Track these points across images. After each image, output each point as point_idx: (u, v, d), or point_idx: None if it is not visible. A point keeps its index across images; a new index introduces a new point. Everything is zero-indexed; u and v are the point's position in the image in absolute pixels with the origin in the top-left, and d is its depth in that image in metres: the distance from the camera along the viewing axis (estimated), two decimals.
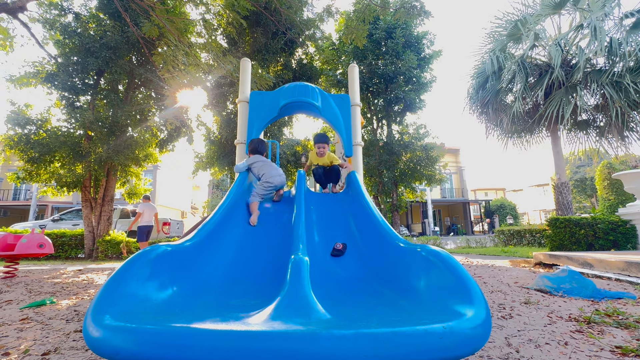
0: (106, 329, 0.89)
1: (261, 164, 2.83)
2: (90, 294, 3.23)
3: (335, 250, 2.03)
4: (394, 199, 13.91)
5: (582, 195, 27.64)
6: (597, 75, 7.84)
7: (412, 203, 24.23)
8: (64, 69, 7.87)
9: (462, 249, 9.30)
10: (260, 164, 2.83)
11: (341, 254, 2.02)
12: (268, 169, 2.78)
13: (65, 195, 8.68)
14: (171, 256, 1.39)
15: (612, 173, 11.13)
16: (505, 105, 9.46)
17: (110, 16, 8.17)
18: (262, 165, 2.81)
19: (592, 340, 1.70)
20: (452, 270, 1.18)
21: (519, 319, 2.13)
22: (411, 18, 7.00)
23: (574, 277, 2.92)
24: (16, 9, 6.64)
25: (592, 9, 7.96)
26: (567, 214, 8.64)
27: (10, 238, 4.46)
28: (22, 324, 2.14)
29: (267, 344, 0.83)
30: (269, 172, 2.75)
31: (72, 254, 8.69)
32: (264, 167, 2.80)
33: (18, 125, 7.85)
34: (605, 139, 8.79)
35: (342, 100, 3.38)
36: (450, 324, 0.90)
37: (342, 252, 2.02)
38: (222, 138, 10.29)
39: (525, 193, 39.81)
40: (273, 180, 2.70)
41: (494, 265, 5.09)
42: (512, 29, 9.25)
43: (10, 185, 23.40)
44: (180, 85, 6.72)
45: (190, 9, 8.42)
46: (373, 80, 13.56)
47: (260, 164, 2.83)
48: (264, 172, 2.76)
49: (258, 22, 9.57)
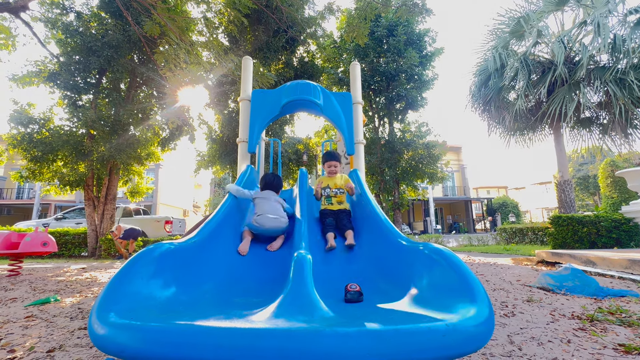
0: (111, 327, 0.89)
1: (263, 201, 2.33)
2: (93, 292, 3.25)
3: (350, 294, 1.36)
4: (395, 197, 13.90)
5: (585, 193, 27.54)
6: (600, 72, 7.79)
7: (414, 201, 24.20)
8: (66, 68, 7.88)
9: (464, 247, 9.29)
10: (263, 201, 2.33)
11: (357, 299, 1.35)
12: (265, 206, 2.28)
13: (68, 193, 8.72)
14: (174, 254, 1.39)
15: (615, 171, 11.07)
16: (508, 103, 9.42)
17: (112, 15, 8.17)
18: (262, 202, 2.32)
19: (595, 338, 1.70)
20: (455, 268, 1.18)
21: (522, 316, 2.13)
22: (413, 16, 6.97)
23: (577, 275, 2.91)
24: (18, 8, 6.66)
25: (596, 6, 7.89)
26: (570, 211, 8.62)
27: (14, 237, 4.50)
28: (27, 322, 2.16)
29: (271, 342, 0.83)
30: (262, 208, 2.26)
31: (75, 252, 8.75)
32: (262, 203, 2.31)
33: (21, 124, 7.88)
34: (608, 136, 8.74)
35: (344, 98, 3.38)
36: (453, 322, 0.90)
37: (358, 297, 1.35)
38: (223, 136, 10.30)
39: (527, 191, 39.70)
40: (263, 223, 2.16)
41: (496, 263, 5.08)
42: (514, 26, 9.19)
43: (14, 184, 23.54)
44: (181, 83, 6.72)
45: (191, 7, 8.42)
46: (375, 78, 13.52)
47: (262, 201, 2.34)
48: (258, 209, 2.28)
49: (259, 20, 9.55)
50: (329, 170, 2.69)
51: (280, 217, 2.25)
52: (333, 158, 2.71)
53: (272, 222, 2.18)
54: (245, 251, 2.00)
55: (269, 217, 2.19)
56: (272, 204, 2.31)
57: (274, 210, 2.25)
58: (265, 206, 2.27)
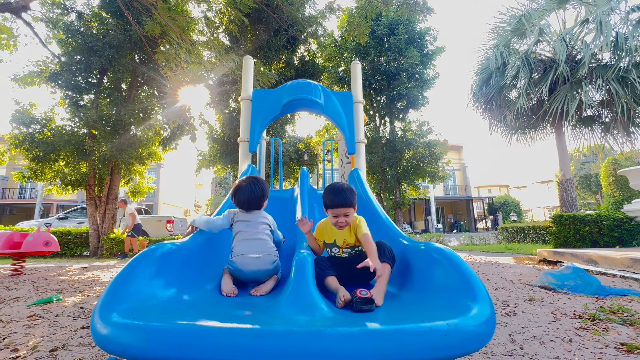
0: (114, 326, 0.90)
1: (243, 230, 1.66)
2: (95, 291, 3.26)
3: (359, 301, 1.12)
4: (396, 196, 13.90)
5: (587, 192, 27.46)
6: (602, 71, 7.76)
7: (415, 200, 24.20)
8: (67, 68, 7.90)
9: (465, 246, 9.28)
10: (243, 229, 1.66)
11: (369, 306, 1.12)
12: (245, 239, 1.64)
13: (70, 193, 8.75)
14: (176, 254, 1.40)
15: (617, 169, 11.03)
16: (509, 102, 9.40)
17: (113, 15, 8.18)
18: (242, 232, 1.66)
19: (597, 337, 1.69)
20: (456, 267, 1.19)
21: (523, 315, 2.13)
22: (413, 14, 6.95)
23: (579, 274, 2.90)
24: (19, 8, 6.67)
25: (598, 4, 7.86)
26: (572, 210, 8.60)
27: (16, 236, 4.51)
28: (30, 321, 2.17)
29: (273, 342, 0.83)
30: (241, 243, 1.63)
31: (77, 252, 8.78)
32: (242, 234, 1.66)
33: (23, 125, 7.91)
34: (610, 134, 8.71)
35: (345, 98, 3.37)
36: (454, 321, 0.91)
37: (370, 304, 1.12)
38: (224, 136, 10.32)
39: (529, 190, 39.64)
40: (243, 266, 1.57)
41: (498, 262, 5.07)
42: (516, 24, 9.16)
43: (16, 184, 23.63)
44: (182, 83, 6.74)
45: (192, 7, 8.42)
46: (376, 77, 13.51)
47: (242, 228, 1.67)
48: (236, 244, 1.64)
49: (260, 20, 9.55)
50: (338, 222, 1.61)
51: (267, 253, 1.62)
52: (344, 202, 1.58)
53: (255, 264, 1.58)
54: (232, 291, 1.46)
55: (250, 258, 1.57)
56: (256, 233, 1.66)
57: (257, 246, 1.62)
58: (246, 239, 1.63)
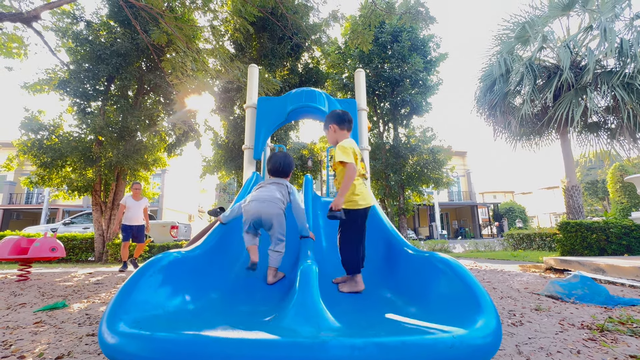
0: (121, 336, 0.91)
1: (256, 194, 1.80)
2: (101, 298, 3.28)
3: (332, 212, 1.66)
4: (400, 202, 13.84)
5: (594, 198, 27.13)
6: (607, 77, 7.73)
7: (419, 206, 24.06)
8: (75, 75, 8.05)
9: (470, 253, 9.19)
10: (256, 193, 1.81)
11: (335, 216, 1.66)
12: (259, 193, 1.79)
13: (76, 199, 8.84)
14: (182, 263, 1.41)
15: (624, 176, 10.91)
16: (514, 108, 9.38)
17: (121, 24, 8.35)
18: (254, 195, 1.80)
19: (606, 349, 1.67)
20: (462, 278, 1.18)
21: (530, 326, 2.10)
22: (416, 23, 7.01)
23: (586, 283, 2.86)
24: (31, 18, 6.82)
25: (602, 10, 7.86)
26: (578, 217, 8.50)
27: (24, 242, 4.56)
28: (36, 327, 2.18)
29: (278, 352, 0.84)
30: (254, 195, 1.78)
31: (82, 257, 8.83)
32: (260, 189, 1.83)
33: (31, 131, 8.05)
34: (616, 141, 8.64)
35: (349, 105, 3.40)
36: (460, 334, 0.90)
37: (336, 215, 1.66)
38: (229, 142, 10.39)
39: (534, 196, 39.21)
40: (248, 209, 1.70)
41: (503, 270, 5.02)
42: (519, 31, 9.18)
43: (23, 189, 23.91)
44: (188, 90, 6.83)
45: (198, 16, 8.56)
46: (379, 84, 13.57)
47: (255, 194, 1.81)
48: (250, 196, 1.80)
49: (265, 28, 9.68)
50: None
51: (273, 201, 1.68)
52: None
53: (259, 207, 1.63)
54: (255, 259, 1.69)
55: (255, 203, 1.67)
56: (267, 191, 1.77)
57: (267, 194, 1.72)
58: (256, 199, 1.73)
